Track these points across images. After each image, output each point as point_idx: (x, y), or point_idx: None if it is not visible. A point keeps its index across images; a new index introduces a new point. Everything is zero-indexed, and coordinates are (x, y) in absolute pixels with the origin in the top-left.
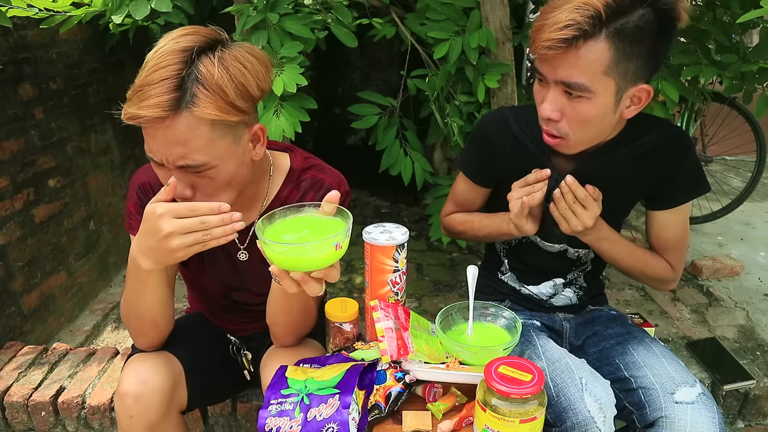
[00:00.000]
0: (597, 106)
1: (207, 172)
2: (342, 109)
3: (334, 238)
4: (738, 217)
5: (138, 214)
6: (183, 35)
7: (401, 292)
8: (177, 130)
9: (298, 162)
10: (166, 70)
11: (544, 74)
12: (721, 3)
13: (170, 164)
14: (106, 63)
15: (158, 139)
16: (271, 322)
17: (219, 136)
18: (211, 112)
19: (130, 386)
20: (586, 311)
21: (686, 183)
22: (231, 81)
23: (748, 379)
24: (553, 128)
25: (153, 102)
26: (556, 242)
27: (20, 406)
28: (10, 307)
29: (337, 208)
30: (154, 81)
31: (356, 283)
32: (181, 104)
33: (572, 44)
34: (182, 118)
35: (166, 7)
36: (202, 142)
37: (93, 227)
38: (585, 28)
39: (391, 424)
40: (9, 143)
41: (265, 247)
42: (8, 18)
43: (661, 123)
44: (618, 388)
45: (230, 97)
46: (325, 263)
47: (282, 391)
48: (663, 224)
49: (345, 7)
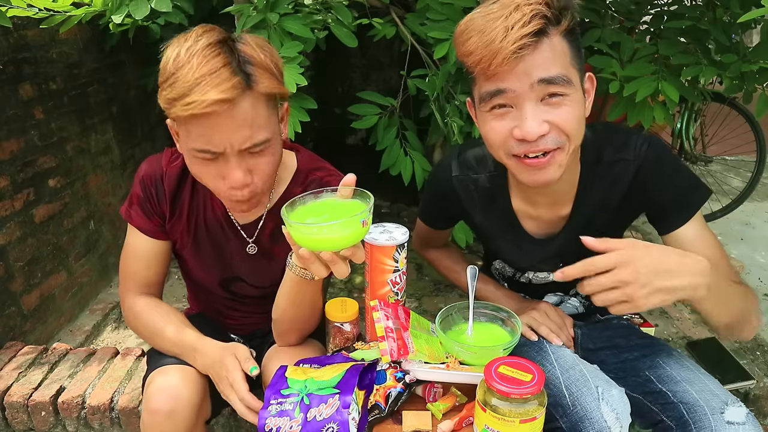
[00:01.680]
0: (576, 103)
1: (266, 150)
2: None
3: (361, 215)
4: (738, 217)
5: (138, 206)
6: (204, 32)
7: (401, 292)
8: (244, 110)
9: (306, 162)
10: (217, 60)
11: (512, 89)
12: (721, 3)
13: (235, 149)
14: (106, 63)
15: (223, 126)
16: (277, 317)
17: (272, 111)
18: (270, 85)
19: (161, 403)
20: (594, 319)
21: (681, 192)
22: (270, 58)
23: (748, 379)
24: (546, 142)
25: (228, 85)
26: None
27: (20, 406)
28: (10, 307)
29: (355, 190)
30: (214, 69)
31: (356, 283)
32: (248, 83)
33: (543, 35)
34: (248, 97)
35: (166, 7)
36: (264, 119)
37: (93, 227)
38: (549, 14)
39: (391, 424)
40: (9, 143)
41: (293, 231)
42: (8, 18)
43: (628, 140)
44: (651, 401)
45: (276, 71)
46: (353, 240)
47: (282, 391)
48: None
49: (345, 7)
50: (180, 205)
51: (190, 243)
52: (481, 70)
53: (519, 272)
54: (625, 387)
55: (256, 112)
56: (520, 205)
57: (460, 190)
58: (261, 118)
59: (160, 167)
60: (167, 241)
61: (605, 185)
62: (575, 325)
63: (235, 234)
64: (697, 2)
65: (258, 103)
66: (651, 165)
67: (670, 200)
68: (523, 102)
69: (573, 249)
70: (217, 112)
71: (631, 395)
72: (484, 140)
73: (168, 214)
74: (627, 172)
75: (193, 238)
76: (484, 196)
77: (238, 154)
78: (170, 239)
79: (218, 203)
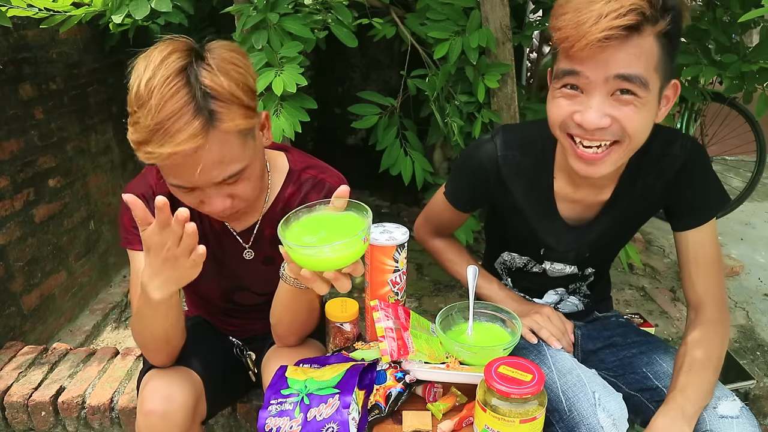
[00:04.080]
0: (645, 107)
1: (243, 176)
2: (342, 109)
3: (362, 233)
4: (738, 217)
5: (134, 229)
6: (165, 57)
7: (401, 292)
8: (212, 151)
9: (297, 162)
10: (176, 99)
11: (586, 75)
12: (721, 3)
13: (209, 184)
14: (106, 63)
15: (192, 167)
16: (275, 322)
17: (245, 138)
18: (237, 120)
19: (155, 404)
20: (593, 317)
21: (709, 195)
22: (237, 85)
23: (748, 379)
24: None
25: (185, 135)
26: (567, 263)
27: (20, 406)
28: (10, 307)
29: (349, 202)
30: (171, 114)
31: (356, 283)
32: (209, 125)
33: (635, 32)
34: (213, 138)
35: (166, 7)
36: (236, 150)
37: (93, 227)
38: (647, 13)
39: (391, 424)
40: (9, 143)
41: (292, 253)
42: (8, 18)
43: (676, 136)
44: (648, 398)
45: (245, 100)
46: (354, 258)
47: (282, 391)
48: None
49: (345, 7)
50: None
51: None
52: (565, 48)
53: (535, 262)
54: (623, 384)
55: (225, 148)
56: (563, 187)
57: (504, 168)
58: (232, 152)
59: (148, 187)
60: None
61: (650, 177)
62: (576, 326)
63: (232, 242)
64: (697, 2)
65: (226, 138)
66: (694, 163)
67: (696, 201)
68: (593, 90)
69: (604, 237)
70: (180, 157)
71: (629, 393)
72: (548, 113)
73: None
74: (673, 166)
75: None
76: (527, 178)
77: (214, 186)
78: None
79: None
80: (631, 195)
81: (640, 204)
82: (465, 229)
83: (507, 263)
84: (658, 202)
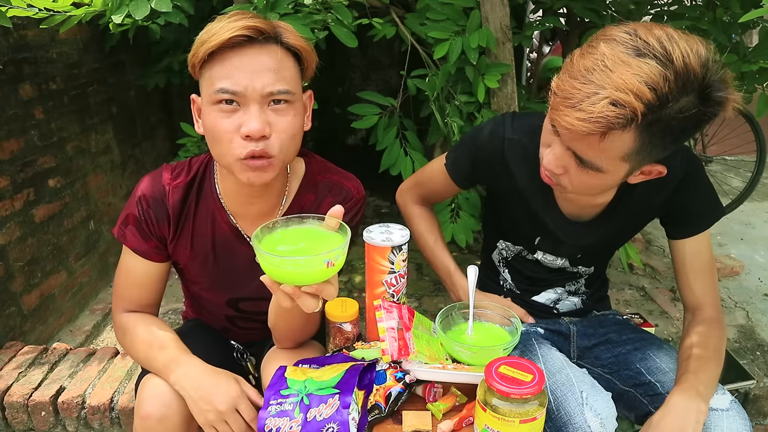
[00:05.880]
0: (603, 180)
1: (287, 108)
2: (342, 109)
3: (326, 255)
4: (738, 217)
5: (134, 227)
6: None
7: (398, 295)
8: (269, 54)
9: (314, 166)
10: (250, 18)
11: (558, 130)
12: (721, 3)
13: (256, 92)
14: (106, 63)
15: (247, 64)
16: (271, 327)
17: (296, 72)
18: (297, 42)
19: (152, 408)
20: (591, 315)
21: (705, 207)
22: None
23: (748, 379)
24: (553, 177)
25: (253, 21)
26: (558, 256)
27: (20, 406)
28: (10, 307)
29: (340, 224)
30: (241, 17)
31: (356, 282)
32: (276, 36)
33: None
34: (274, 46)
35: (166, 7)
36: (289, 72)
37: (93, 227)
38: (615, 128)
39: (391, 424)
40: (9, 143)
41: (258, 256)
42: (8, 18)
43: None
44: (641, 393)
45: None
46: (315, 279)
47: (281, 392)
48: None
49: (345, 7)
50: (184, 223)
51: (195, 262)
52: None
53: (528, 251)
54: (618, 381)
55: (281, 62)
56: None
57: (508, 151)
58: (286, 70)
59: (161, 186)
60: (164, 262)
61: (651, 186)
62: (572, 322)
63: (246, 248)
64: (697, 2)
65: (284, 56)
66: (693, 175)
67: (693, 211)
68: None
69: (599, 240)
70: (242, 47)
71: (622, 388)
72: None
73: (170, 234)
74: (674, 178)
75: (199, 257)
76: (531, 163)
77: (259, 101)
78: (168, 260)
79: (224, 218)
80: (630, 202)
81: (637, 212)
82: (465, 229)
83: (503, 252)
84: (656, 212)
